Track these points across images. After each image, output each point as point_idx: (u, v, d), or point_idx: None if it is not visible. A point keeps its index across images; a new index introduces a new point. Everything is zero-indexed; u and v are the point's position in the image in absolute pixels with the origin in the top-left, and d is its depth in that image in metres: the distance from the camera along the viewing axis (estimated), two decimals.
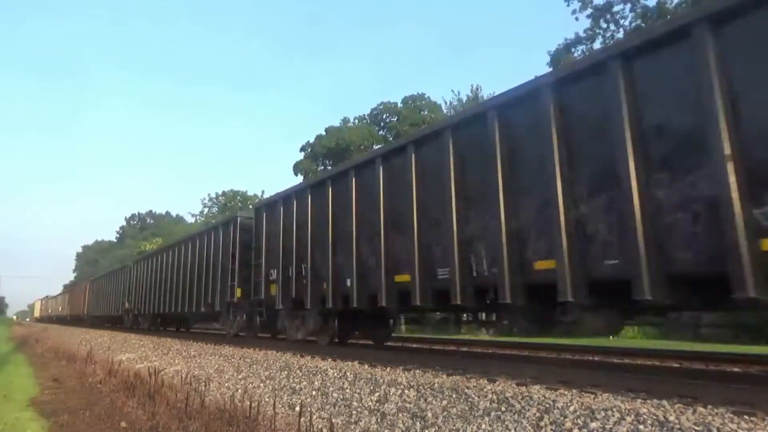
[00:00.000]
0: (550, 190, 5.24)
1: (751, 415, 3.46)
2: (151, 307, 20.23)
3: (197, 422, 5.24)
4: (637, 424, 3.55)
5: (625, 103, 4.75)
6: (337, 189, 8.95)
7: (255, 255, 11.70)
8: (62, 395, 7.76)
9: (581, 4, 24.89)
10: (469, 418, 4.43)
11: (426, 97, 39.53)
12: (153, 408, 6.03)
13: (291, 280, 10.06)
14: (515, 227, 5.69)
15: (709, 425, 3.31)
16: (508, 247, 5.68)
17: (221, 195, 63.49)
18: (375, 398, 5.41)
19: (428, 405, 4.86)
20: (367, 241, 8.05)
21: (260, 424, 5.07)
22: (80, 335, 22.42)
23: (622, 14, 24.28)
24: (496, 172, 5.88)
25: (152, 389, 6.96)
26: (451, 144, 6.62)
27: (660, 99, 4.59)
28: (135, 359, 12.09)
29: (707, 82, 4.19)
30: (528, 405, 4.28)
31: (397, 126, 37.47)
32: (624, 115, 4.73)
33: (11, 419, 6.07)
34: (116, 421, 5.73)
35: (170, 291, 17.77)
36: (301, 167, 39.79)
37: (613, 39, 24.24)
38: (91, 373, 9.63)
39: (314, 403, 5.90)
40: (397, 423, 4.77)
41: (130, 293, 23.84)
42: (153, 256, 21.43)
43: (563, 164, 5.24)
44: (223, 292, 13.34)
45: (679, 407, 3.80)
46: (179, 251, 17.55)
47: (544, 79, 5.63)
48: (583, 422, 3.80)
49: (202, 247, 15.36)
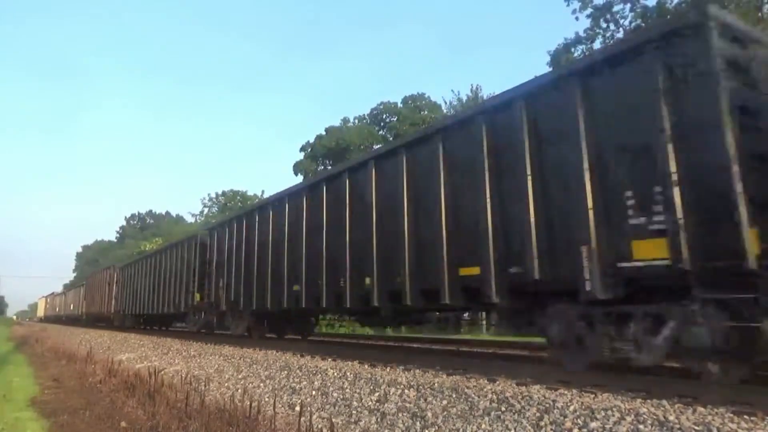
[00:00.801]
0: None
1: (751, 415, 3.46)
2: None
3: (197, 422, 5.23)
4: (637, 424, 3.55)
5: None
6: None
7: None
8: (62, 395, 7.75)
9: (581, 4, 24.83)
10: (469, 418, 4.43)
11: (426, 97, 39.47)
12: (153, 408, 6.02)
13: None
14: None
15: (709, 425, 3.32)
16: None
17: (221, 195, 63.42)
18: (375, 398, 5.41)
19: (428, 405, 4.86)
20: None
21: (260, 424, 5.07)
22: (80, 335, 22.42)
23: (622, 14, 24.26)
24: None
25: (152, 389, 6.96)
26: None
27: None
28: (135, 359, 12.09)
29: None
30: (528, 405, 4.28)
31: (397, 126, 37.42)
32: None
33: (11, 419, 6.07)
34: (116, 421, 5.72)
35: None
36: (301, 167, 39.76)
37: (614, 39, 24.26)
38: (91, 373, 9.63)
39: (314, 402, 5.90)
40: (397, 423, 4.77)
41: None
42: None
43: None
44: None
45: (679, 407, 3.80)
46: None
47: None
48: (583, 422, 3.80)
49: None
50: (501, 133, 6.03)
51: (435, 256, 6.61)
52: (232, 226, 13.44)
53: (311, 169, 38.48)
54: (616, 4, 24.17)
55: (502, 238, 5.86)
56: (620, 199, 4.74)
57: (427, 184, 6.91)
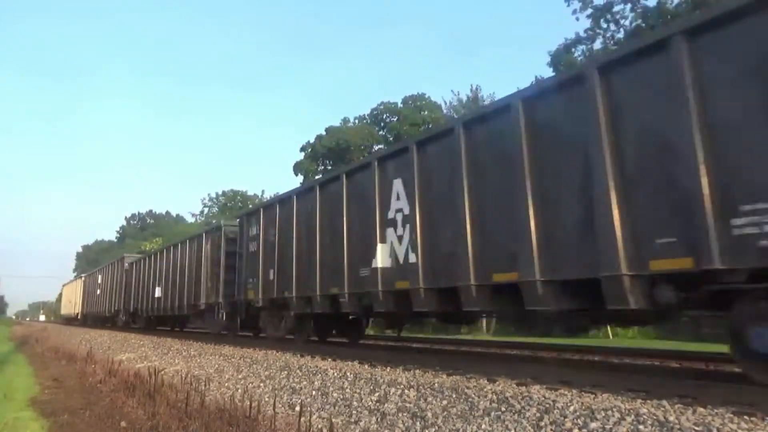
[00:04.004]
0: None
1: (751, 415, 3.46)
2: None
3: (197, 422, 5.23)
4: (637, 424, 3.55)
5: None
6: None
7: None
8: (62, 395, 7.75)
9: (581, 4, 24.87)
10: (469, 418, 4.43)
11: (426, 97, 39.46)
12: (153, 408, 6.02)
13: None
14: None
15: (709, 425, 3.31)
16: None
17: (221, 195, 63.49)
18: (375, 398, 5.41)
19: (428, 405, 4.86)
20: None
21: (260, 424, 5.07)
22: (80, 335, 22.42)
23: (622, 14, 24.28)
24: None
25: (152, 389, 6.96)
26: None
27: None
28: (135, 359, 12.09)
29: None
30: (528, 405, 4.28)
31: (398, 126, 37.43)
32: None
33: (11, 419, 6.06)
34: (116, 421, 5.73)
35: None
36: (302, 167, 39.76)
37: (614, 39, 24.27)
38: (91, 373, 9.63)
39: (314, 402, 5.90)
40: (397, 423, 4.77)
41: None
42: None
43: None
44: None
45: (679, 407, 3.79)
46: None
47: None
48: (583, 422, 3.80)
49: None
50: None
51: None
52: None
53: (311, 170, 38.49)
54: (617, 4, 24.21)
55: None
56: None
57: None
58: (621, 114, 4.88)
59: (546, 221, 5.40)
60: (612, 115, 4.91)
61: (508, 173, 5.82)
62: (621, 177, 4.79)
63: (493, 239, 6.04)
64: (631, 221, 4.70)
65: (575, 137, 5.21)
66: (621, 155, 4.82)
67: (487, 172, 6.19)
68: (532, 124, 5.64)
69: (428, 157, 7.15)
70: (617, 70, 4.93)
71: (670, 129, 4.47)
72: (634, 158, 4.76)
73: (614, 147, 4.85)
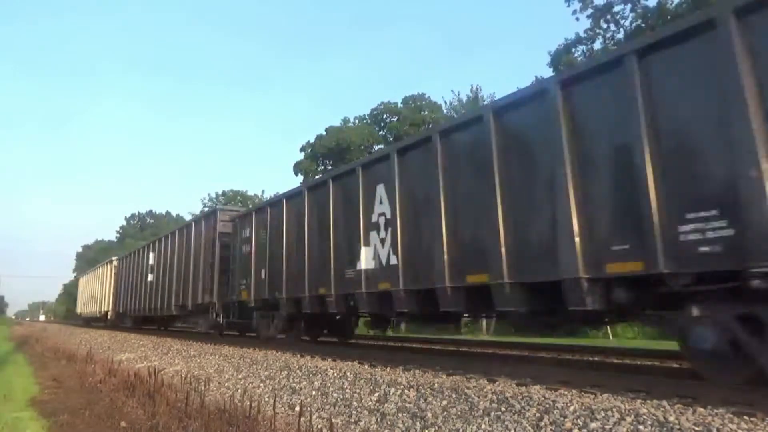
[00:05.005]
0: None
1: (751, 415, 3.46)
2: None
3: (197, 422, 5.23)
4: (637, 424, 3.55)
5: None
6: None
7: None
8: (62, 395, 7.75)
9: (581, 5, 24.84)
10: (469, 418, 4.43)
11: (426, 97, 39.42)
12: (153, 408, 6.02)
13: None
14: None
15: (709, 425, 3.31)
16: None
17: (221, 195, 63.45)
18: (375, 398, 5.41)
19: (428, 405, 4.86)
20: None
21: (260, 424, 5.07)
22: (80, 335, 22.42)
23: (622, 14, 24.26)
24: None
25: (152, 389, 6.96)
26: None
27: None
28: (135, 359, 12.09)
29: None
30: (528, 405, 4.28)
31: (398, 126, 37.41)
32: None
33: (11, 419, 6.06)
34: (116, 421, 5.72)
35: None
36: (301, 167, 39.71)
37: (614, 39, 24.25)
38: (91, 373, 9.62)
39: (314, 403, 5.90)
40: (397, 423, 4.77)
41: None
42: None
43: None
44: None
45: (679, 407, 3.79)
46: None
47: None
48: (583, 422, 3.80)
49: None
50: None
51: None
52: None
53: (311, 170, 38.46)
54: (617, 4, 24.18)
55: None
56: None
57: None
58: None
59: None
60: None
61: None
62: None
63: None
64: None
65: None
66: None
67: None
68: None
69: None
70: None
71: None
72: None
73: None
